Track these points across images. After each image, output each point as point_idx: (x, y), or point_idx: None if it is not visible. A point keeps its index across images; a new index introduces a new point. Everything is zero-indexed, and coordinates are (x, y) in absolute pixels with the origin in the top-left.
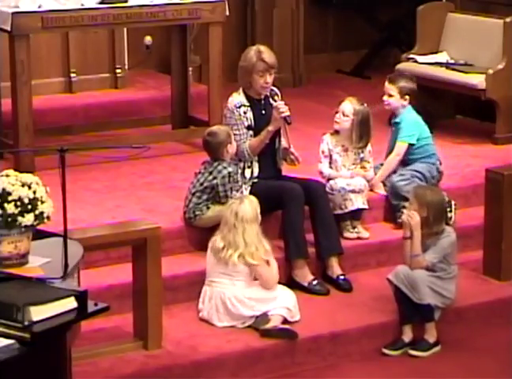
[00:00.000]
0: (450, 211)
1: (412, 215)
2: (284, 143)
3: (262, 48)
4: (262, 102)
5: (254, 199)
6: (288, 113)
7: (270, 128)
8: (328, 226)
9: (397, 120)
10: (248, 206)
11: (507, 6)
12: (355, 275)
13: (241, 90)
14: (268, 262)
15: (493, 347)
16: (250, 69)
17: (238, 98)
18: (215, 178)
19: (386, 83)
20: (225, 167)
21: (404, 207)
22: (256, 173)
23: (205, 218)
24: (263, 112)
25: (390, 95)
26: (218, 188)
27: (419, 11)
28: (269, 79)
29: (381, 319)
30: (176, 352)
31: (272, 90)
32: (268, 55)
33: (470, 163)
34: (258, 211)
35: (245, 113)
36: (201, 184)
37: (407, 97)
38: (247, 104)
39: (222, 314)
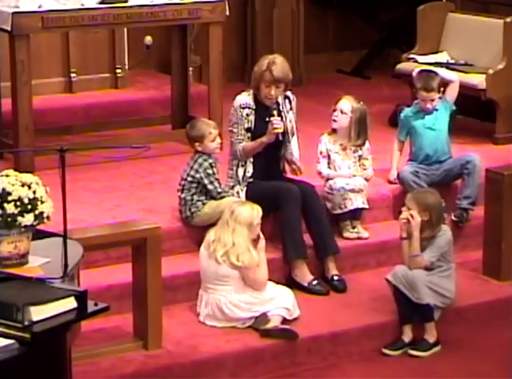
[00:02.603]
0: (467, 215)
1: (413, 216)
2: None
3: (277, 60)
4: (269, 109)
5: (257, 207)
6: (280, 130)
7: (264, 139)
8: (321, 227)
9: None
10: (247, 209)
11: (507, 6)
12: (354, 275)
13: (251, 91)
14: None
15: (493, 347)
16: (258, 77)
17: (245, 98)
18: (197, 171)
19: (424, 93)
20: (205, 159)
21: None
22: (250, 172)
23: (202, 214)
24: (267, 119)
25: (433, 100)
26: (204, 181)
27: (420, 11)
28: (274, 91)
29: (380, 319)
30: (176, 352)
31: (272, 103)
32: (277, 68)
33: None
34: (255, 220)
35: (247, 115)
36: (185, 179)
37: (442, 89)
38: (253, 107)
39: (220, 319)
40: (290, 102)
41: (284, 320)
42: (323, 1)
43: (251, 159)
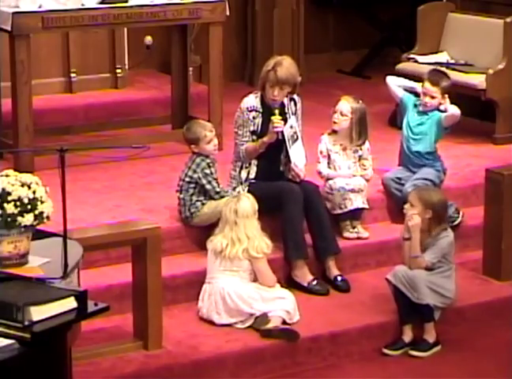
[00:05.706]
0: (458, 217)
1: (411, 217)
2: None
3: (285, 61)
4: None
5: (249, 195)
6: (280, 129)
7: (265, 139)
8: (323, 227)
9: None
10: (246, 202)
11: (507, 6)
12: (354, 275)
13: (259, 93)
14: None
15: (493, 347)
16: (264, 77)
17: (252, 101)
18: (195, 171)
19: (428, 84)
20: (203, 159)
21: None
22: (253, 175)
23: (202, 214)
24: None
25: (433, 97)
26: (201, 181)
27: (420, 11)
28: (277, 92)
29: (380, 319)
30: (176, 352)
31: (276, 104)
32: (282, 69)
33: (470, 163)
34: (256, 206)
35: (254, 118)
36: (183, 179)
37: (446, 96)
38: (260, 110)
39: (221, 311)
40: (295, 105)
41: (283, 323)
42: (323, 1)
43: (255, 162)
